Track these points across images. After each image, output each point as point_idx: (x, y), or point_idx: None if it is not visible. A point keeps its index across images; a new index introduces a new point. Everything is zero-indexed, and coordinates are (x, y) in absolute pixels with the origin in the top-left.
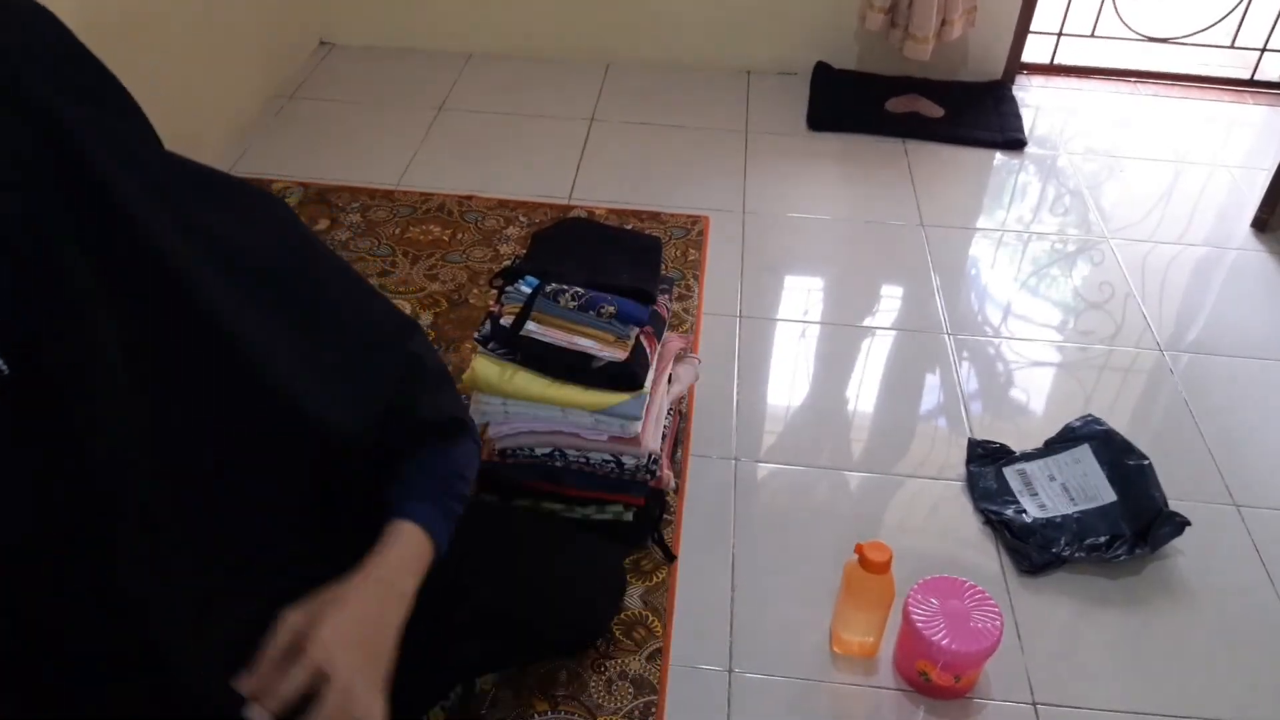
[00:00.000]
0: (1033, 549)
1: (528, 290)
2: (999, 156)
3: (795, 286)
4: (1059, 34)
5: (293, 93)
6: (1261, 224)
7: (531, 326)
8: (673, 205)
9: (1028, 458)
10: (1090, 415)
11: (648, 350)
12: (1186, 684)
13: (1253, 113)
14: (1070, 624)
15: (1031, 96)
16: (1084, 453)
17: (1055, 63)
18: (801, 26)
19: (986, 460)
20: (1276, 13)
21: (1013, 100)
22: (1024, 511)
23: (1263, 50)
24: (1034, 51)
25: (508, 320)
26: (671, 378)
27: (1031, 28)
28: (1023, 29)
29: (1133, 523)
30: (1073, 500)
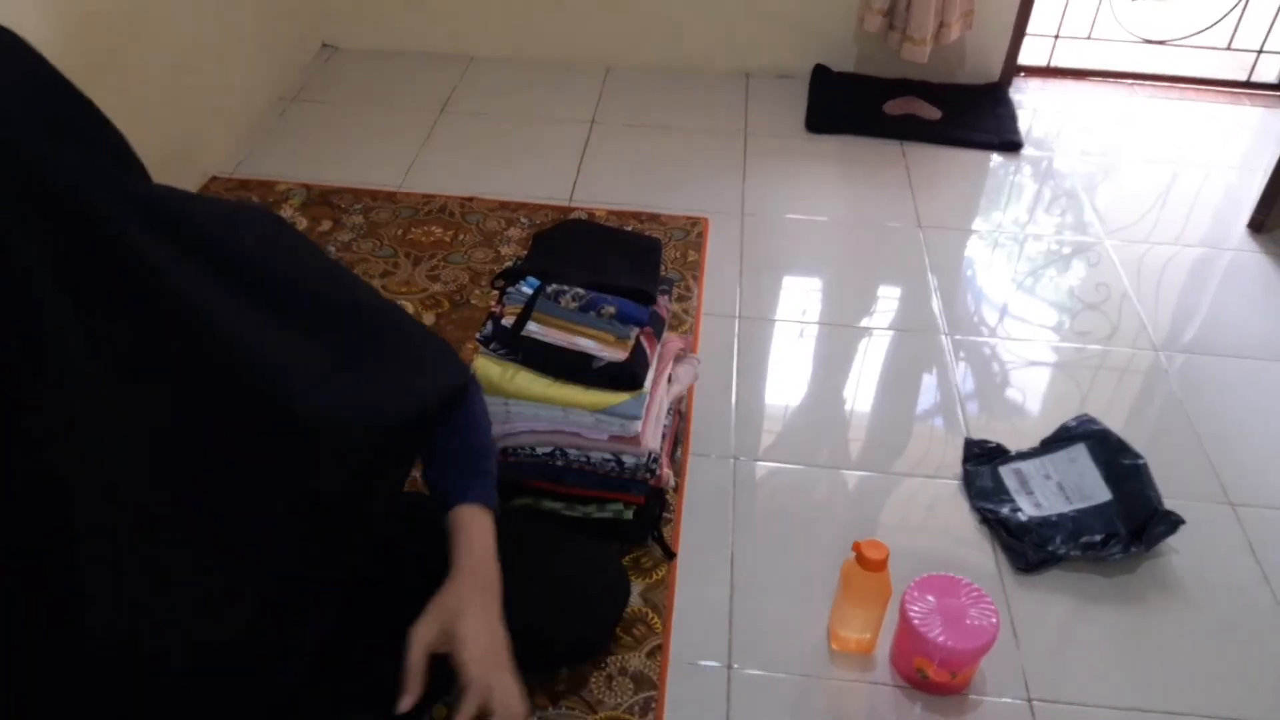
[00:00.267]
0: (1028, 547)
1: (529, 291)
2: (996, 158)
3: (794, 287)
4: (1056, 36)
5: (296, 95)
6: (1258, 225)
7: (533, 327)
8: (672, 207)
9: (1023, 457)
10: (1086, 415)
11: (648, 350)
12: (1181, 681)
13: (1249, 114)
14: (1066, 621)
15: (1028, 98)
16: (1079, 452)
17: (1052, 65)
18: (800, 29)
19: (983, 459)
20: (1273, 15)
21: (1010, 102)
22: (1020, 510)
23: (1259, 52)
24: (1031, 54)
25: (509, 321)
26: (671, 378)
27: (1028, 30)
28: (1020, 31)
29: (1128, 521)
30: (1068, 499)
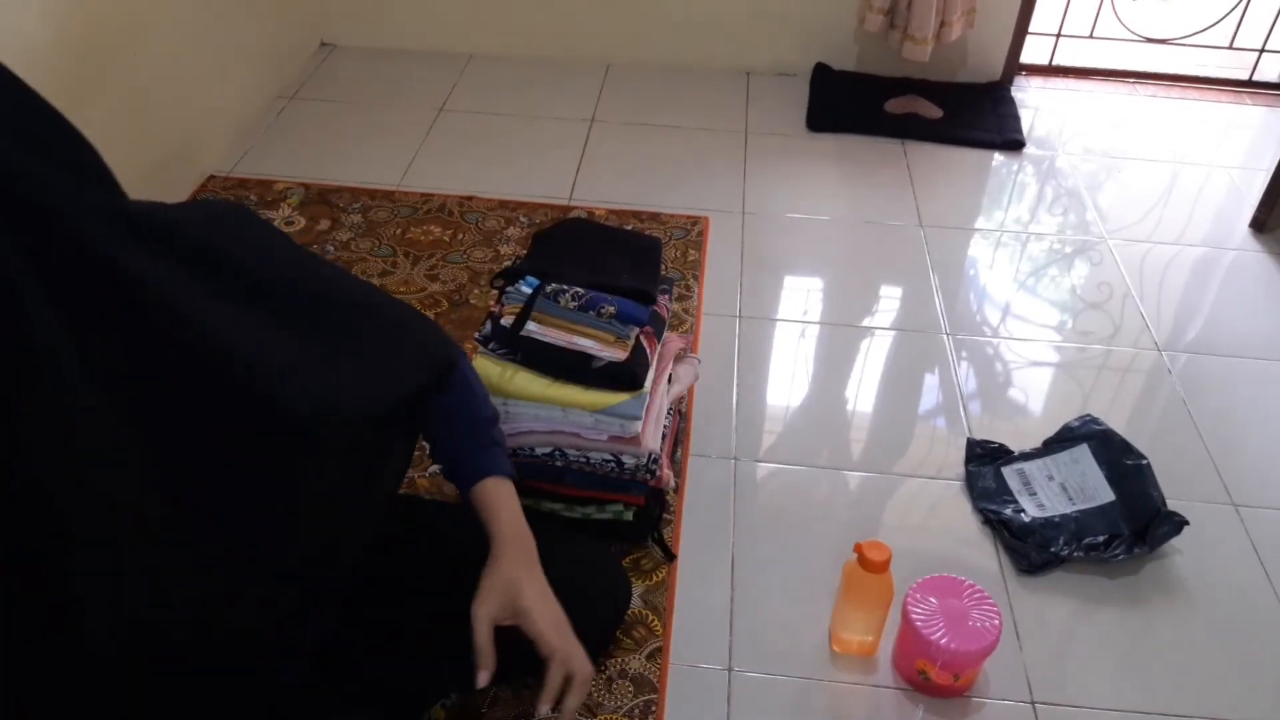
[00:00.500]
0: (1031, 548)
1: (528, 290)
2: (998, 157)
3: (794, 287)
4: (1058, 35)
5: (294, 94)
6: (1260, 224)
7: (532, 327)
8: (672, 206)
9: (1026, 457)
10: (1088, 415)
11: (648, 350)
12: (1184, 683)
13: (1251, 113)
14: (1068, 623)
15: (1030, 97)
16: (1082, 452)
17: (1054, 64)
18: (801, 28)
19: (985, 460)
20: (1274, 14)
21: (1011, 101)
22: (1022, 511)
23: (1261, 51)
24: (1033, 52)
25: (508, 320)
26: (671, 378)
27: (1030, 29)
28: (1021, 30)
29: (1131, 522)
30: (1071, 500)
